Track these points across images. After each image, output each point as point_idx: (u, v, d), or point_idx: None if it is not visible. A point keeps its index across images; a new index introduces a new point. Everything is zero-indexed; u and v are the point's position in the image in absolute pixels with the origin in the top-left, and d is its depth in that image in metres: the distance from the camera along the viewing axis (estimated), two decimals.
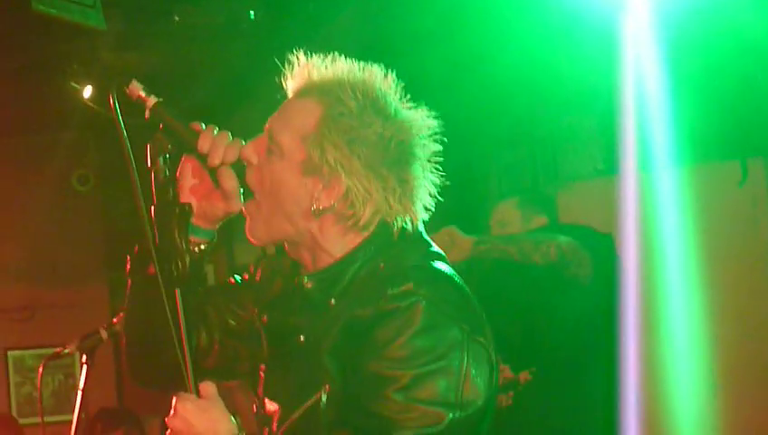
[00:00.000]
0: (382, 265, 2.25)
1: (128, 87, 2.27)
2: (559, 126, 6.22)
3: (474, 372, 2.14)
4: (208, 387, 2.19)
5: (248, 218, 2.34)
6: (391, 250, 2.27)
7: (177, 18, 5.38)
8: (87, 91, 6.02)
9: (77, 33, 4.82)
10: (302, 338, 2.31)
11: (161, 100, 2.29)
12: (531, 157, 6.59)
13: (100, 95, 5.97)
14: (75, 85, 6.01)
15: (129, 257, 2.40)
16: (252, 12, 5.47)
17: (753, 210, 5.31)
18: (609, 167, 5.31)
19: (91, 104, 6.07)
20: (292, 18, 5.57)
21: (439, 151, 2.31)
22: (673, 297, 4.70)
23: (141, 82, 2.30)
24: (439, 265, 2.29)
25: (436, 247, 2.35)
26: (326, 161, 2.21)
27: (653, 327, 4.56)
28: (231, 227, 2.44)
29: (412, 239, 2.31)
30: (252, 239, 2.35)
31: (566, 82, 5.93)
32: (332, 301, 2.26)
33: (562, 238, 4.52)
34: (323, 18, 5.56)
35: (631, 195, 4.51)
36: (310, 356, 2.27)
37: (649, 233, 4.73)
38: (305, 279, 2.31)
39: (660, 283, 4.80)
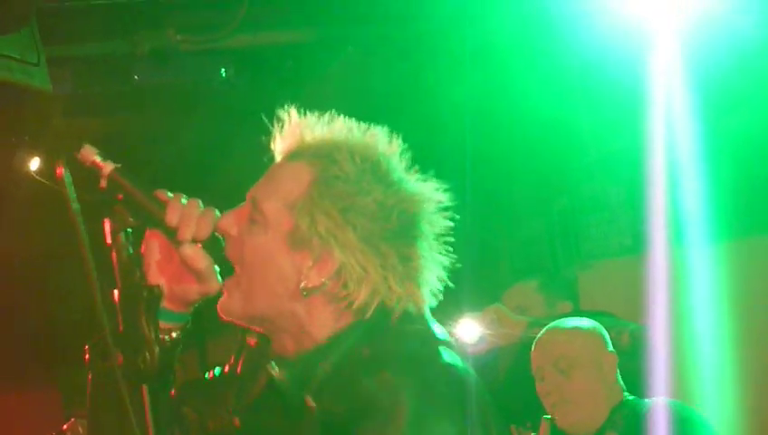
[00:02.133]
0: (366, 351, 2.20)
1: (79, 152, 2.24)
2: (580, 196, 6.30)
3: None
4: None
5: (225, 293, 2.29)
6: (384, 335, 2.21)
7: (136, 78, 5.46)
8: (34, 164, 6.09)
9: (20, 96, 4.80)
10: None
11: (119, 166, 2.25)
12: (548, 232, 6.67)
13: (48, 167, 6.06)
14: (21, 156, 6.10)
15: (87, 347, 2.34)
16: (223, 69, 5.58)
17: None
18: (638, 243, 5.37)
19: (38, 178, 6.10)
20: (269, 76, 5.67)
21: (450, 229, 2.29)
22: (709, 394, 4.70)
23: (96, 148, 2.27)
24: (440, 350, 2.22)
25: (441, 332, 2.29)
26: (316, 232, 2.18)
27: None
28: (203, 319, 2.38)
29: (412, 323, 2.24)
30: (223, 315, 2.30)
31: (588, 147, 6.03)
32: (309, 399, 2.19)
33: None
34: (305, 76, 5.68)
35: (661, 275, 4.55)
36: None
37: (682, 319, 4.76)
38: (272, 364, 2.26)
39: (695, 376, 4.81)
